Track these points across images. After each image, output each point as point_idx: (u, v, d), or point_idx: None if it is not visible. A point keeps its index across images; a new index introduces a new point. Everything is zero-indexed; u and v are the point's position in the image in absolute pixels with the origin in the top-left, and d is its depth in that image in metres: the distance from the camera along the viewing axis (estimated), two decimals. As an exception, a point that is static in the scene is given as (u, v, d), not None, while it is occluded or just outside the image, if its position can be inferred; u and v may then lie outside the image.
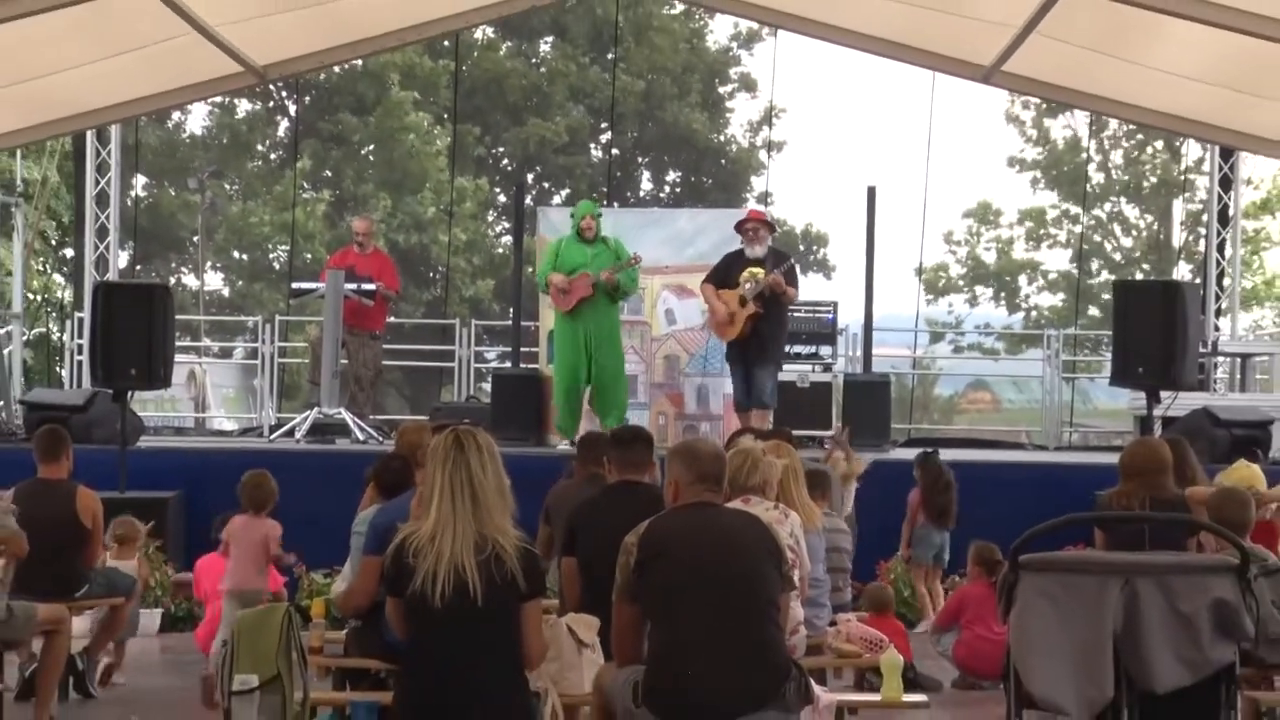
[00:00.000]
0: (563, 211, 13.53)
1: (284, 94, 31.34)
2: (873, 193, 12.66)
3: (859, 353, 13.90)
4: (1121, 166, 35.80)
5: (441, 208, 29.36)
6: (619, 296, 11.88)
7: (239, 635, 5.44)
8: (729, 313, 11.27)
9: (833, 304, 13.99)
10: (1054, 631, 4.95)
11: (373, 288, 12.92)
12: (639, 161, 34.26)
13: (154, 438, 13.61)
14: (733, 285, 11.30)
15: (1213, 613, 4.91)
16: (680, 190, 33.95)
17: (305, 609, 6.87)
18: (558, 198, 31.48)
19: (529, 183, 32.00)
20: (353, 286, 12.76)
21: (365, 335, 13.17)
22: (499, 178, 33.17)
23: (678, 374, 13.09)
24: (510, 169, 33.02)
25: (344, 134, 31.06)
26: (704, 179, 33.70)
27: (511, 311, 13.69)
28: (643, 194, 34.06)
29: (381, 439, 12.17)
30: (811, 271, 33.28)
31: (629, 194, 32.70)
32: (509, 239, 30.02)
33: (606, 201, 20.66)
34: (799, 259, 21.09)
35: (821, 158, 70.61)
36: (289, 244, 27.59)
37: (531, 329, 14.52)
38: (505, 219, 33.06)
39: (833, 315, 13.90)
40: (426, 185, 30.41)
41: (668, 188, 34.48)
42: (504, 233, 33.08)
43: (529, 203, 27.12)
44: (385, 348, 14.23)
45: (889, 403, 13.25)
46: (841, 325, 14.39)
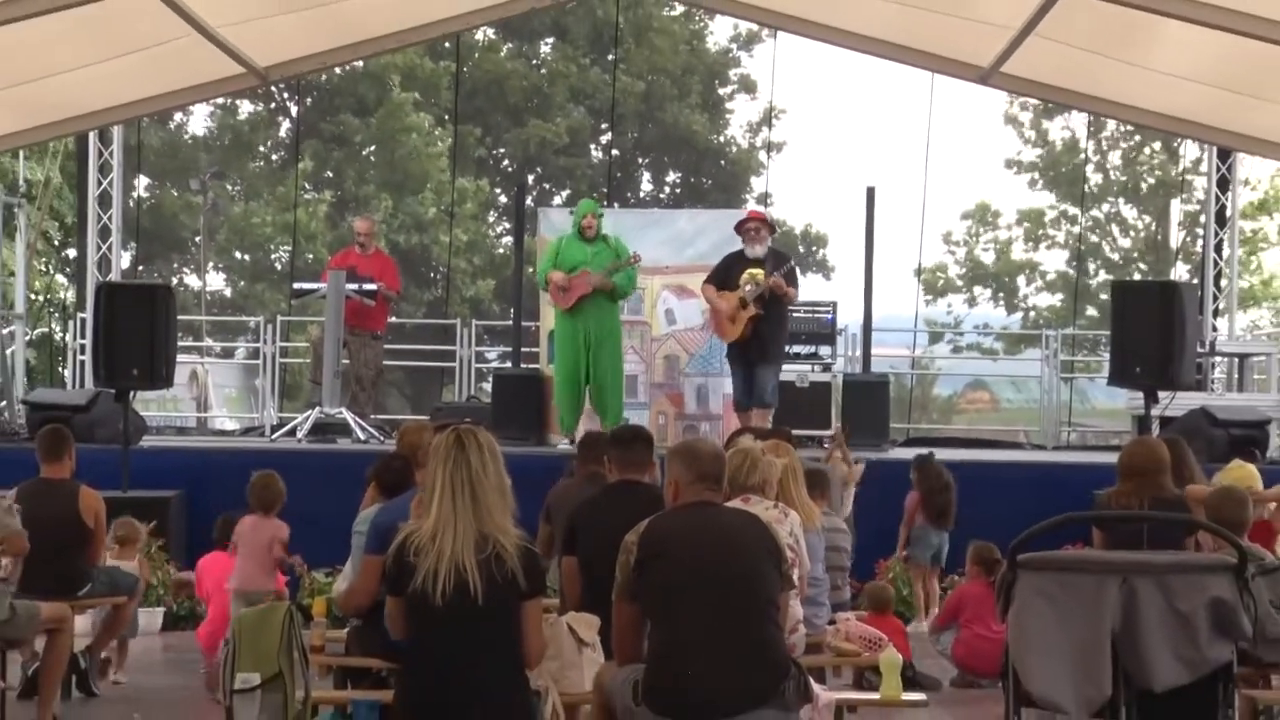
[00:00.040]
0: (563, 212, 13.55)
1: (285, 95, 31.34)
2: (872, 193, 12.68)
3: (858, 353, 13.93)
4: (1119, 167, 35.77)
5: (442, 208, 29.36)
6: (617, 296, 11.92)
7: (240, 634, 5.45)
8: (730, 313, 11.30)
9: (832, 304, 14.02)
10: (1052, 630, 4.95)
11: (374, 288, 12.91)
12: (639, 162, 34.26)
13: (156, 437, 13.63)
14: (733, 286, 11.32)
15: (1210, 612, 4.91)
16: (680, 191, 33.95)
17: (307, 608, 6.87)
18: (558, 198, 31.48)
19: (529, 183, 31.99)
20: (354, 287, 12.77)
21: (367, 335, 13.17)
22: (500, 178, 33.18)
23: (678, 374, 13.10)
24: (511, 170, 33.03)
25: (345, 135, 31.09)
26: (704, 180, 33.69)
27: (512, 312, 13.71)
28: (643, 194, 34.06)
29: (383, 439, 12.18)
30: (811, 272, 33.28)
31: (629, 195, 32.70)
32: (509, 240, 30.04)
33: (607, 202, 20.62)
34: (798, 259, 21.11)
35: (821, 159, 70.57)
36: (291, 244, 27.61)
37: (532, 329, 14.54)
38: (506, 220, 33.06)
39: (832, 315, 13.92)
40: (428, 186, 30.43)
41: (668, 188, 34.48)
42: (504, 233, 33.08)
43: (529, 203, 27.11)
44: (386, 348, 14.23)
45: (888, 402, 13.28)
46: (841, 325, 14.40)
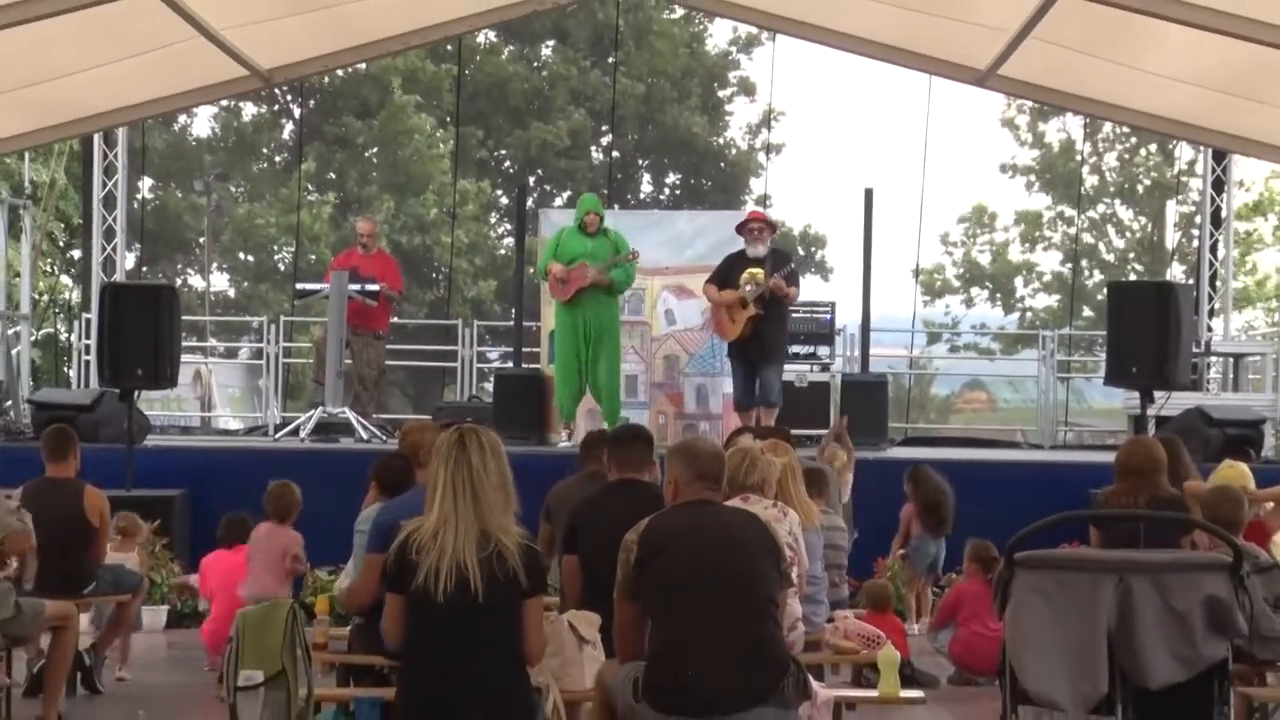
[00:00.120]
0: (564, 213, 13.59)
1: (289, 97, 31.38)
2: (870, 195, 12.71)
3: (856, 353, 13.94)
4: (1115, 169, 35.74)
5: (444, 210, 29.39)
6: (614, 290, 11.95)
7: (244, 631, 5.46)
8: (729, 303, 11.34)
9: (831, 305, 14.08)
10: (1049, 628, 4.96)
11: (376, 288, 12.95)
12: (639, 164, 34.27)
13: (160, 437, 13.68)
14: (734, 286, 11.36)
15: (1206, 610, 4.91)
16: (680, 192, 33.95)
17: (310, 605, 6.92)
18: (559, 200, 31.48)
19: (530, 185, 31.99)
20: (357, 287, 12.80)
21: (369, 335, 13.20)
22: (501, 180, 33.19)
23: (677, 374, 13.14)
24: (512, 171, 33.04)
25: (348, 137, 31.12)
26: (703, 181, 33.70)
27: (513, 312, 13.72)
28: (643, 196, 34.06)
29: (385, 438, 12.21)
30: (809, 273, 33.27)
31: (629, 196, 32.71)
32: (510, 240, 30.04)
33: (607, 203, 20.68)
34: (797, 260, 21.09)
35: (820, 160, 70.47)
36: (294, 245, 27.59)
37: (533, 329, 14.57)
38: (507, 221, 33.06)
39: (831, 316, 13.99)
40: (429, 187, 30.45)
41: (668, 190, 34.49)
42: (506, 234, 33.09)
43: (530, 205, 27.16)
44: (389, 348, 14.27)
45: (886, 402, 13.30)
46: (839, 326, 14.47)
